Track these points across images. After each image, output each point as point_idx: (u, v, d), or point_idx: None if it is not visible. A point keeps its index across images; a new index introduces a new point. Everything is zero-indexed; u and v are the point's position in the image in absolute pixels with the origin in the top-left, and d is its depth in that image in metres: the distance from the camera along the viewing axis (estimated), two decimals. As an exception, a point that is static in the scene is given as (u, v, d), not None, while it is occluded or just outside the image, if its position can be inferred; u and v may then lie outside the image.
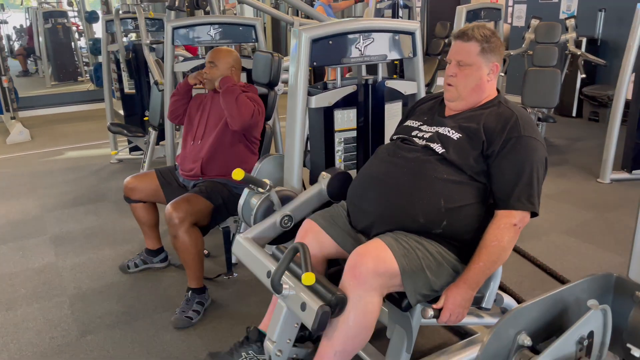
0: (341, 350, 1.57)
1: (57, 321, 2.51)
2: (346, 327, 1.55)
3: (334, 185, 2.00)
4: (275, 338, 1.66)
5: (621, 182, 4.15)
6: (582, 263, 2.92)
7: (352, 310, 1.53)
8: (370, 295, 1.55)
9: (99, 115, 7.49)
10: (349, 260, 1.59)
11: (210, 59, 2.64)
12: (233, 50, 2.76)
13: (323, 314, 1.47)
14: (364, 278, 1.53)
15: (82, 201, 4.08)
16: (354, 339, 1.58)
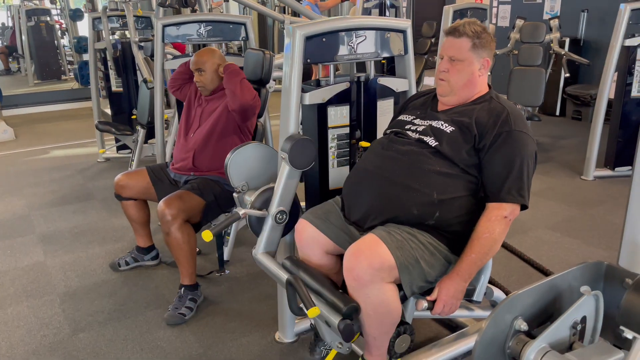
0: (378, 334, 1.71)
1: (48, 319, 2.50)
2: (370, 319, 1.65)
3: (294, 156, 1.92)
4: (329, 341, 1.87)
5: (604, 179, 4.24)
6: (568, 257, 2.99)
7: (368, 306, 1.62)
8: (377, 288, 1.60)
9: (84, 114, 7.43)
10: (345, 263, 1.63)
11: (196, 67, 2.64)
12: (215, 49, 2.77)
13: (345, 327, 1.60)
14: (363, 279, 1.57)
15: (69, 200, 4.05)
16: (383, 322, 1.69)
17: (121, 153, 5.04)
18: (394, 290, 1.64)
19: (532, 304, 1.01)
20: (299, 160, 1.95)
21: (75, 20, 8.87)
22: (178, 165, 2.68)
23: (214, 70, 2.64)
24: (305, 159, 1.97)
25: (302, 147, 1.94)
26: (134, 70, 4.77)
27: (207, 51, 2.71)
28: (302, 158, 1.95)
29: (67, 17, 9.11)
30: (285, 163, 1.96)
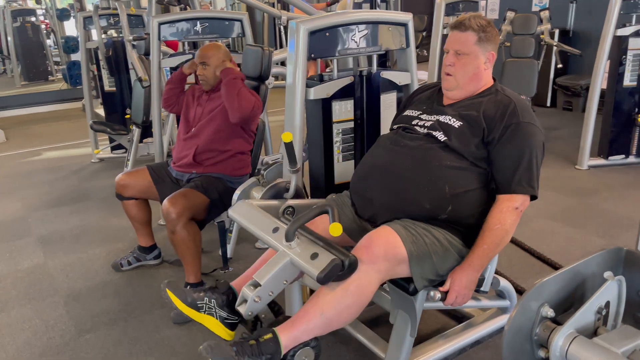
0: (329, 316, 1.53)
1: (53, 321, 2.48)
2: (344, 293, 1.52)
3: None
4: (263, 282, 1.56)
5: (598, 168, 4.29)
6: (568, 246, 3.02)
7: (355, 281, 1.53)
8: (375, 276, 1.57)
9: (73, 114, 7.36)
10: (361, 242, 1.61)
11: (200, 60, 2.63)
12: (220, 44, 2.76)
13: (335, 266, 1.46)
14: (376, 258, 1.56)
15: (65, 201, 4.01)
16: (346, 309, 1.55)
17: (115, 153, 5.00)
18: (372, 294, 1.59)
19: (557, 290, 1.02)
20: None
21: (63, 20, 8.76)
22: (180, 163, 2.66)
23: (218, 65, 2.63)
24: None
25: None
26: (127, 69, 4.74)
27: (213, 46, 2.70)
28: None
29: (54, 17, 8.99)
30: None
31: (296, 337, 1.53)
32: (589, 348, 0.94)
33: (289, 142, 1.82)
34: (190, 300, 1.70)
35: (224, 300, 1.75)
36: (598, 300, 1.01)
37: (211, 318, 1.72)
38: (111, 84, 4.79)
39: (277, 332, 1.52)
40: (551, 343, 0.97)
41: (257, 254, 3.06)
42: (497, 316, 2.29)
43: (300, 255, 1.56)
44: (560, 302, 1.04)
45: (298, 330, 1.53)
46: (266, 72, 2.78)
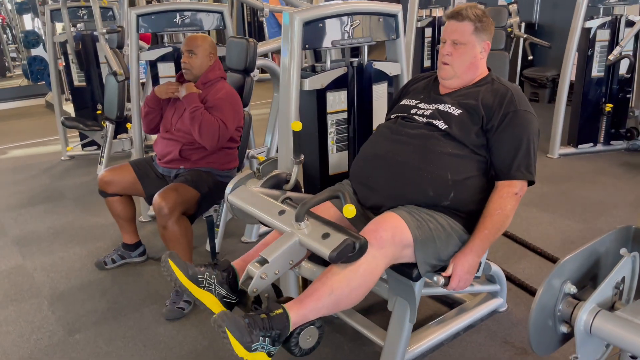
0: (339, 295, 1.55)
1: (38, 322, 2.41)
2: (353, 275, 1.54)
3: None
4: (271, 259, 1.56)
5: (568, 156, 4.45)
6: (546, 231, 3.12)
7: (364, 263, 1.55)
8: (382, 260, 1.60)
9: (36, 111, 7.12)
10: (368, 226, 1.63)
11: (188, 48, 2.58)
12: (207, 36, 2.72)
13: (347, 246, 1.48)
14: (383, 242, 1.58)
15: (38, 200, 3.89)
16: (355, 290, 1.56)
17: (87, 150, 4.86)
18: (382, 271, 1.63)
19: (577, 268, 1.06)
20: None
21: (22, 13, 8.43)
22: (166, 160, 2.62)
23: (205, 55, 2.59)
24: None
25: None
26: (97, 63, 4.61)
27: (201, 36, 2.66)
28: None
29: (14, 11, 8.64)
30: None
31: (305, 315, 1.53)
32: (613, 321, 0.99)
33: (297, 131, 1.82)
34: (191, 273, 1.65)
35: (224, 277, 1.71)
36: (616, 276, 1.05)
37: (210, 295, 1.68)
38: (81, 78, 4.64)
39: (287, 309, 1.52)
40: (575, 318, 1.01)
41: (243, 248, 3.05)
42: (488, 300, 2.36)
43: (310, 235, 1.58)
44: (579, 279, 1.08)
45: (307, 309, 1.53)
46: (251, 64, 2.76)
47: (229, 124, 2.54)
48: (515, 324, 2.27)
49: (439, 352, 2.12)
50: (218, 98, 2.53)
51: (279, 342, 1.51)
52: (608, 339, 1.00)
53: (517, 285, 2.56)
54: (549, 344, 1.09)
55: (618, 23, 4.22)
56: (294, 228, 1.60)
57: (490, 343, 2.16)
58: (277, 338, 1.49)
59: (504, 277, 2.34)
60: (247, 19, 8.72)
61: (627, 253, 1.06)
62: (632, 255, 1.07)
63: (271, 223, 1.71)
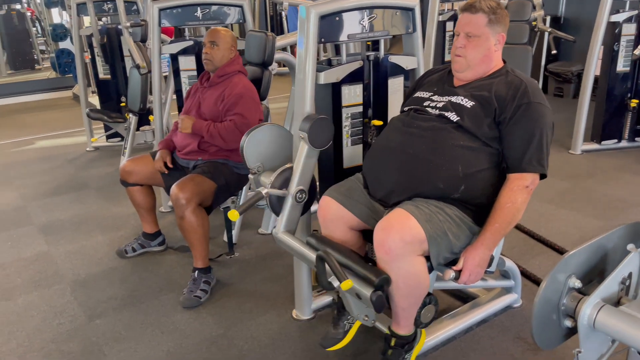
0: (407, 306, 1.77)
1: (61, 307, 2.49)
2: (400, 291, 1.70)
3: (314, 135, 1.95)
4: (355, 314, 1.87)
5: (591, 153, 4.37)
6: (565, 228, 3.09)
7: (399, 279, 1.67)
8: (408, 261, 1.64)
9: (63, 103, 7.29)
10: (375, 237, 1.67)
11: (211, 39, 2.62)
12: (229, 30, 2.76)
13: (377, 299, 1.64)
14: (395, 251, 1.61)
15: (63, 190, 3.99)
16: (413, 294, 1.74)
17: (111, 141, 4.97)
18: (423, 263, 1.69)
19: (583, 262, 1.06)
20: (318, 139, 1.97)
21: (50, 7, 8.62)
22: (185, 151, 2.66)
23: (227, 48, 2.63)
24: (324, 137, 1.99)
25: (321, 126, 1.97)
26: (122, 56, 4.70)
27: (224, 30, 2.71)
28: (321, 137, 1.98)
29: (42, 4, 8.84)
30: (304, 142, 1.98)
31: (407, 325, 1.83)
32: (616, 316, 0.98)
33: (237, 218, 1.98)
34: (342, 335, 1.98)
35: None
36: (622, 271, 1.05)
37: (358, 322, 1.98)
38: (106, 71, 4.74)
39: (394, 330, 1.85)
40: (579, 312, 1.01)
41: (260, 239, 3.09)
42: (502, 296, 2.35)
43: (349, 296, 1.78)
44: (585, 273, 1.08)
45: (403, 322, 1.83)
46: (270, 57, 2.78)
47: (250, 115, 2.57)
48: (528, 320, 2.23)
49: (451, 345, 2.13)
50: (235, 94, 2.56)
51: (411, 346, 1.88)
52: (611, 334, 1.00)
53: (532, 281, 2.54)
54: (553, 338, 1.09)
55: (645, 17, 4.12)
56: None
57: (503, 338, 2.16)
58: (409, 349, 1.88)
59: (519, 273, 2.33)
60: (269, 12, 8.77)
61: (634, 249, 1.06)
62: (639, 251, 1.06)
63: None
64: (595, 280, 1.09)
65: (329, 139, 2.00)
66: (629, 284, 1.08)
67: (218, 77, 2.64)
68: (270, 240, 3.04)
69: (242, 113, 2.54)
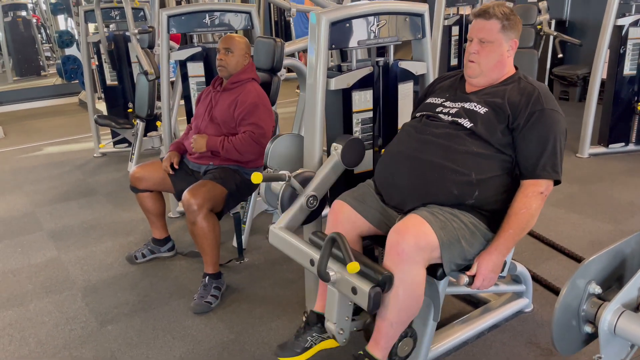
0: (397, 322, 1.68)
1: (72, 313, 2.50)
2: (397, 301, 1.64)
3: (347, 153, 2.03)
4: (335, 320, 1.77)
5: (599, 156, 4.37)
6: (574, 232, 3.08)
7: (400, 285, 1.62)
8: (415, 269, 1.63)
9: (69, 109, 7.32)
10: (389, 239, 1.66)
11: (225, 46, 2.64)
12: (243, 36, 2.77)
13: (375, 295, 1.58)
14: (407, 254, 1.61)
15: (72, 196, 4.01)
16: (407, 310, 1.68)
17: (118, 147, 4.99)
18: (424, 280, 1.67)
19: (603, 268, 1.06)
20: (350, 158, 2.07)
21: (56, 14, 8.67)
22: (196, 155, 2.68)
23: (242, 55, 2.65)
24: (356, 158, 2.09)
25: (354, 147, 2.07)
26: (129, 62, 4.72)
27: (238, 36, 2.73)
28: (354, 157, 2.08)
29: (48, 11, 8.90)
30: (335, 155, 2.04)
31: (385, 347, 1.72)
32: (637, 322, 0.98)
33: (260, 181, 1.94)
34: (301, 350, 1.85)
35: (320, 327, 1.88)
36: (641, 276, 1.05)
37: (323, 343, 1.87)
38: (113, 77, 4.77)
39: (370, 352, 1.72)
40: (599, 318, 1.02)
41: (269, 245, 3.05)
42: (513, 300, 2.35)
43: (344, 289, 1.70)
44: (604, 279, 1.08)
45: (383, 343, 1.72)
46: (278, 64, 2.80)
47: (265, 125, 2.60)
48: (540, 325, 2.25)
49: (463, 351, 2.13)
50: (250, 103, 2.58)
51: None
52: (632, 339, 1.00)
53: (543, 286, 2.54)
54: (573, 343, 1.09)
55: (652, 20, 4.12)
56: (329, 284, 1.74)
57: (515, 343, 2.16)
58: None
59: (530, 278, 2.33)
60: (273, 18, 8.80)
61: (652, 254, 1.06)
62: (658, 256, 1.06)
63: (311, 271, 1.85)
64: (615, 286, 1.09)
65: (358, 161, 2.08)
66: (648, 290, 1.08)
67: (232, 83, 2.66)
68: (280, 246, 3.05)
69: (258, 123, 2.57)
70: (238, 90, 2.63)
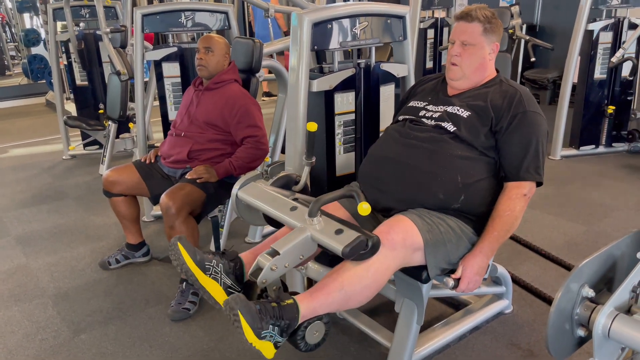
0: (349, 292, 1.54)
1: (44, 322, 2.40)
2: (365, 272, 1.54)
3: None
4: (282, 251, 1.54)
5: (571, 158, 4.45)
6: (550, 233, 3.13)
7: (375, 263, 1.55)
8: (393, 261, 1.60)
9: (36, 110, 7.12)
10: (380, 227, 1.63)
11: (206, 45, 2.59)
12: (222, 37, 2.73)
13: (360, 242, 1.48)
14: (395, 244, 1.58)
15: (41, 200, 3.88)
16: (365, 289, 1.56)
17: (88, 149, 4.86)
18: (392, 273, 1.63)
19: (595, 272, 1.06)
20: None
21: (22, 12, 8.42)
22: (172, 159, 2.61)
23: (222, 55, 2.61)
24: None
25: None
26: (100, 62, 4.61)
27: (218, 36, 2.69)
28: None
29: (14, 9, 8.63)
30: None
31: (314, 309, 1.52)
32: (631, 325, 0.99)
33: (313, 131, 1.82)
34: (199, 259, 1.65)
35: (230, 267, 1.71)
36: (633, 279, 1.05)
37: (215, 283, 1.66)
38: (83, 77, 4.64)
39: (297, 300, 1.52)
40: (593, 322, 1.02)
41: (248, 248, 3.03)
42: (493, 302, 2.36)
43: (322, 231, 1.57)
44: (596, 282, 1.08)
45: (317, 302, 1.52)
46: (257, 64, 2.76)
47: (262, 123, 2.61)
48: (520, 326, 2.27)
49: (445, 354, 2.13)
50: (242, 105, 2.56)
51: (286, 333, 1.50)
52: (626, 343, 1.00)
53: (522, 287, 2.56)
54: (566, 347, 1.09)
55: (621, 25, 4.23)
56: (306, 224, 1.60)
57: (496, 345, 2.16)
58: (285, 328, 1.48)
59: (510, 279, 2.34)
60: (247, 18, 8.73)
61: (643, 257, 1.07)
62: (649, 259, 1.07)
63: (283, 219, 1.71)
64: (605, 289, 1.10)
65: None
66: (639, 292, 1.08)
67: (214, 83, 2.62)
68: (258, 249, 3.00)
69: (256, 124, 2.57)
70: (222, 92, 2.59)
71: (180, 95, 3.23)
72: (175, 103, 3.25)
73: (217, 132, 2.59)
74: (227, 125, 2.57)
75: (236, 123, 2.54)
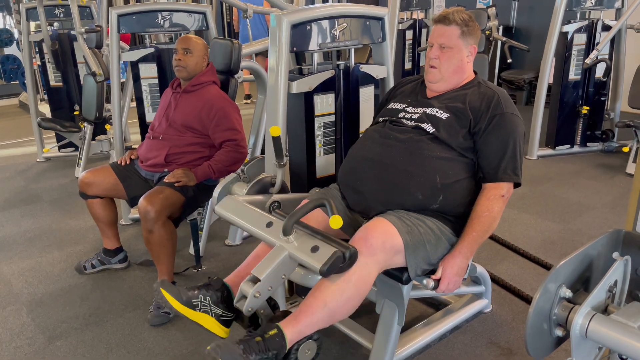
0: (333, 307, 1.54)
1: (18, 329, 2.34)
2: (346, 285, 1.53)
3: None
4: (262, 277, 1.54)
5: (547, 158, 4.52)
6: (527, 232, 3.17)
7: (356, 272, 1.54)
8: (373, 267, 1.60)
9: (9, 111, 6.96)
10: (358, 234, 1.63)
11: (184, 46, 2.55)
12: (200, 38, 2.70)
13: (337, 258, 1.47)
14: (374, 250, 1.58)
15: (14, 203, 3.79)
16: (349, 300, 1.56)
17: (63, 152, 4.76)
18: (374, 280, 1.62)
19: (572, 272, 1.08)
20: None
21: (-7, 11, 8.22)
22: (150, 163, 2.58)
23: (200, 56, 2.58)
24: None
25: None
26: (74, 62, 4.52)
27: (196, 37, 2.65)
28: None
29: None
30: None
31: (300, 331, 1.53)
32: (608, 325, 1.00)
33: (277, 136, 1.81)
34: (185, 299, 1.65)
35: (218, 297, 1.71)
36: (609, 279, 1.07)
37: (207, 316, 1.68)
38: (57, 78, 4.55)
39: (282, 327, 1.51)
40: (571, 322, 1.03)
41: (227, 251, 3.03)
42: (473, 301, 2.38)
43: (299, 248, 1.56)
44: (573, 282, 1.10)
45: (302, 324, 1.53)
46: (236, 65, 2.74)
47: (240, 126, 2.58)
48: (499, 325, 2.29)
49: (426, 354, 2.14)
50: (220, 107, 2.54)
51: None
52: (603, 342, 1.02)
53: (500, 286, 2.59)
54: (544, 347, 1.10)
55: (594, 27, 4.31)
56: (282, 241, 1.59)
57: (476, 344, 2.18)
58: (274, 358, 1.48)
59: (489, 278, 2.37)
60: (226, 19, 8.67)
61: (619, 257, 1.09)
62: (624, 259, 1.09)
63: (260, 236, 1.70)
64: (582, 289, 1.11)
65: None
66: (615, 292, 1.10)
67: (192, 85, 2.59)
68: (239, 252, 2.98)
69: (235, 127, 2.54)
70: (200, 93, 2.56)
71: (157, 96, 3.19)
72: (153, 105, 3.20)
73: (196, 135, 2.56)
74: (205, 129, 2.54)
75: (214, 126, 2.52)
